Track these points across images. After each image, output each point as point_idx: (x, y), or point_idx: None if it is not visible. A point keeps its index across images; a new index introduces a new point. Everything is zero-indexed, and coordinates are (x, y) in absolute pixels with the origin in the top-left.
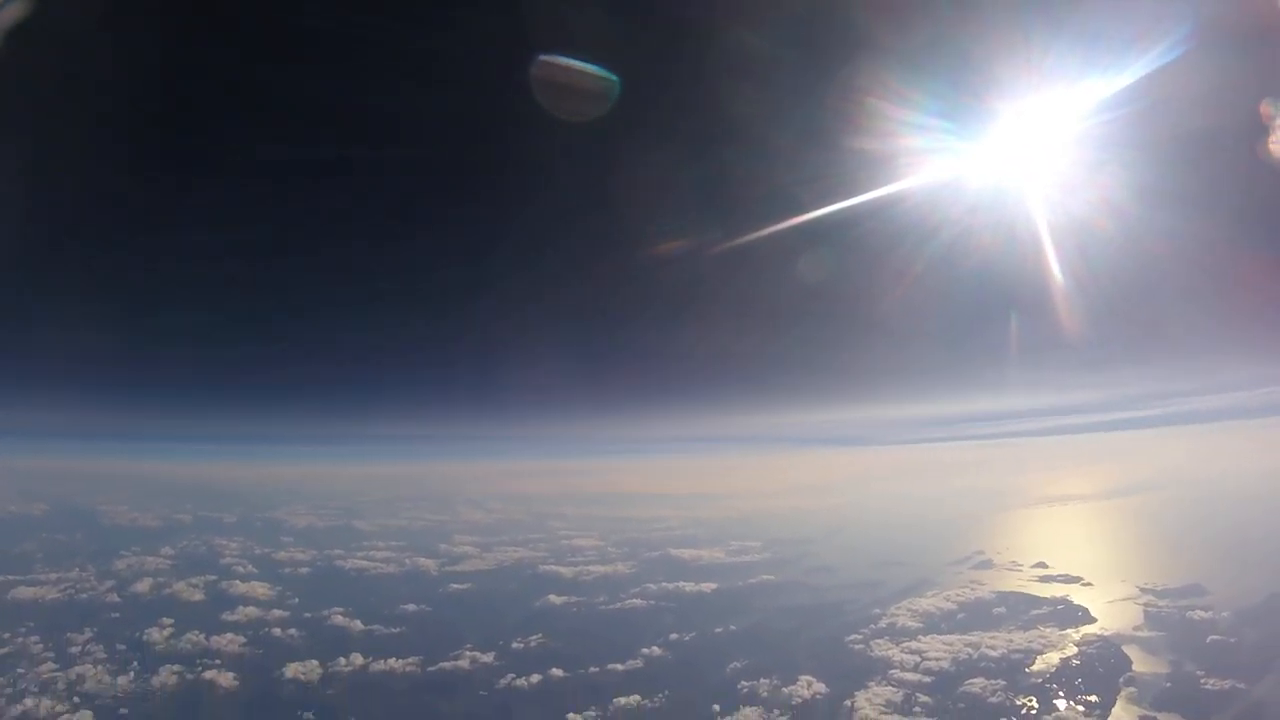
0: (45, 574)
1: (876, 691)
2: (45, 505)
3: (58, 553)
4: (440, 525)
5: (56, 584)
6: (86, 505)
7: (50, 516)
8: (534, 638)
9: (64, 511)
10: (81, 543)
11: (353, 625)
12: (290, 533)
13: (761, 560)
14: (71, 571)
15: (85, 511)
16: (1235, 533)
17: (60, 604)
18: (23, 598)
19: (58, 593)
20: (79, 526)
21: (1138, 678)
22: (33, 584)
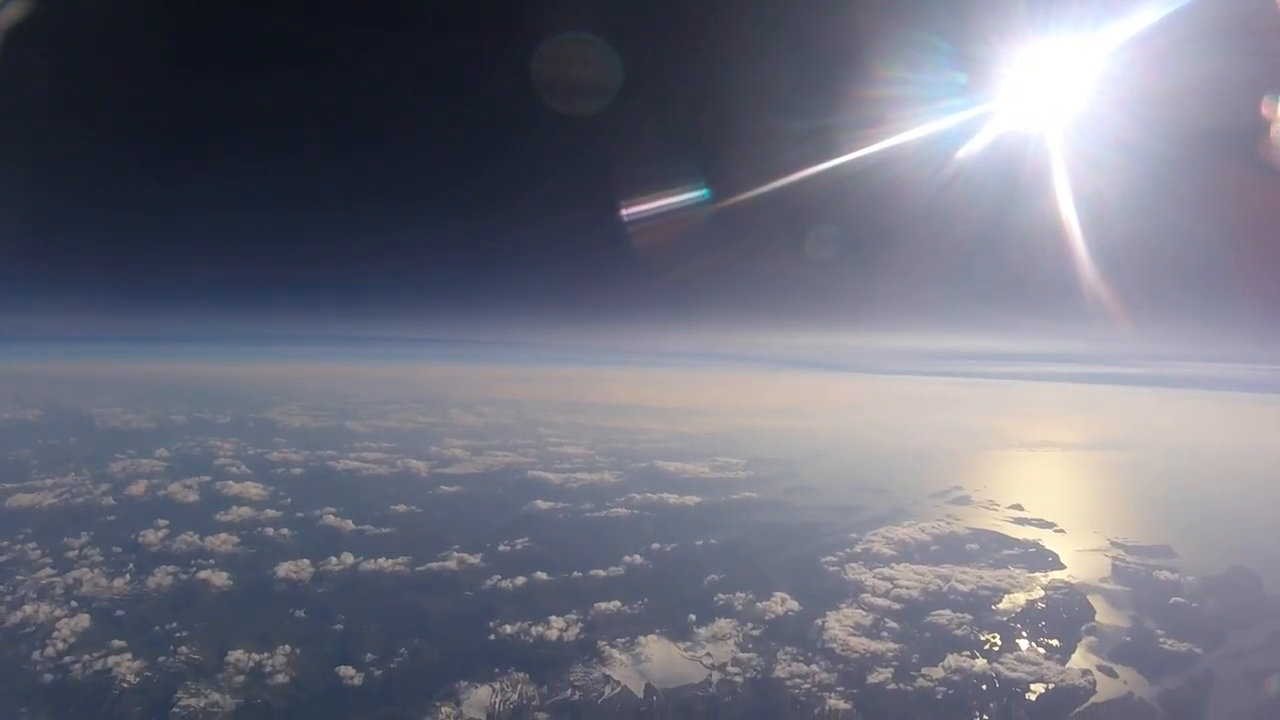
0: (41, 479)
1: (847, 613)
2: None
3: (53, 458)
4: (431, 428)
5: (52, 489)
6: (81, 409)
7: (45, 421)
8: (520, 541)
9: (58, 416)
10: (76, 447)
11: (344, 525)
12: (283, 433)
13: (744, 478)
14: (67, 476)
15: (80, 415)
16: (1209, 502)
17: (56, 509)
18: (19, 504)
19: (54, 498)
20: (73, 431)
21: (1099, 628)
22: (29, 490)
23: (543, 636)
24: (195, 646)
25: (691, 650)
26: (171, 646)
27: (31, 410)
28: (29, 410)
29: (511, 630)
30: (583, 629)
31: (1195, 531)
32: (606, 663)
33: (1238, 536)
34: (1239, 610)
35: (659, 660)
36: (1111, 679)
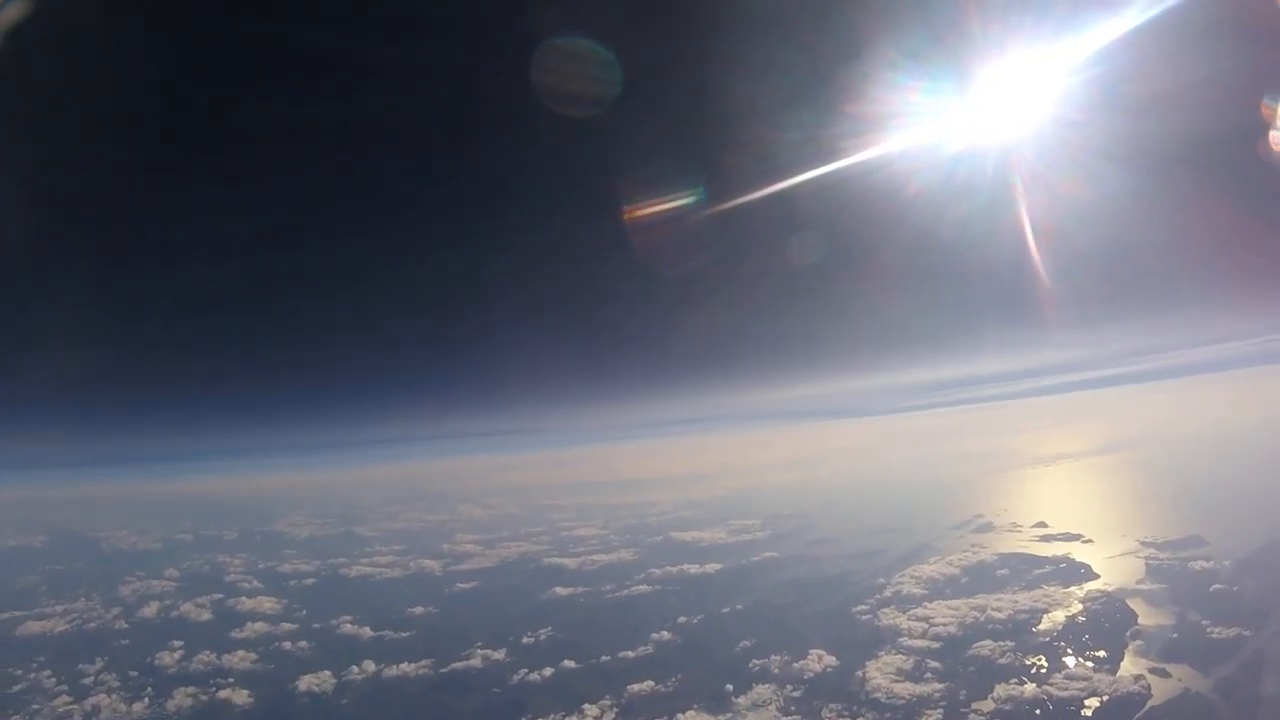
0: (51, 606)
1: (887, 660)
2: (44, 536)
3: (62, 583)
4: (441, 525)
5: (63, 615)
6: (86, 532)
7: (51, 547)
8: (543, 631)
9: (64, 540)
10: (84, 571)
11: (362, 632)
12: (292, 544)
13: (762, 537)
14: (77, 601)
15: (85, 539)
16: (1228, 483)
17: (69, 635)
18: (30, 632)
19: (65, 624)
20: (80, 555)
21: (1144, 630)
22: (40, 617)
23: None
24: None
25: None
26: None
27: (36, 536)
28: (34, 536)
29: None
30: (618, 713)
31: (1221, 515)
32: None
33: (1264, 512)
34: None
35: None
36: (1165, 679)
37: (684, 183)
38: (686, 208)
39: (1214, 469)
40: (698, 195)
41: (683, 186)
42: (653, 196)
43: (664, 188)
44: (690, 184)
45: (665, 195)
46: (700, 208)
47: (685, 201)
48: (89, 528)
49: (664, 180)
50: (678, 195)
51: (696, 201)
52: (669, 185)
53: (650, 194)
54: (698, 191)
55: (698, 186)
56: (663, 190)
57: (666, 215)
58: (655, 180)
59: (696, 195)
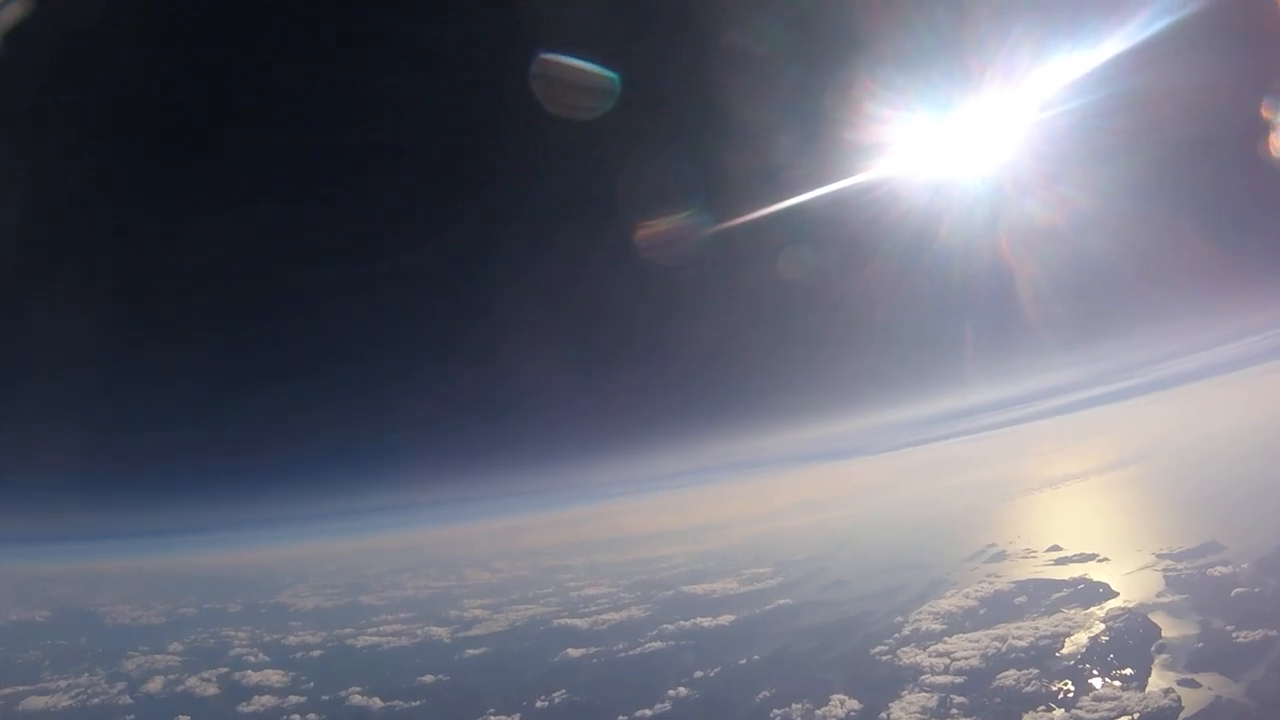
0: (54, 681)
1: (911, 699)
2: (47, 610)
3: (64, 658)
4: (447, 591)
5: (66, 690)
6: (88, 607)
7: (52, 622)
8: (557, 694)
9: (66, 615)
10: (87, 646)
11: (372, 703)
12: (297, 616)
13: (774, 585)
14: (80, 677)
15: (87, 614)
16: (1240, 485)
17: (72, 711)
18: (33, 707)
19: (69, 699)
20: (83, 629)
21: (1169, 643)
22: (43, 692)
23: None
24: None
25: None
26: None
27: (39, 611)
28: (36, 611)
29: None
30: None
31: (1236, 518)
32: None
33: (1277, 510)
34: None
35: None
36: (1195, 689)
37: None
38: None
39: (1221, 473)
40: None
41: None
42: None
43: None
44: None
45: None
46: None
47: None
48: (91, 602)
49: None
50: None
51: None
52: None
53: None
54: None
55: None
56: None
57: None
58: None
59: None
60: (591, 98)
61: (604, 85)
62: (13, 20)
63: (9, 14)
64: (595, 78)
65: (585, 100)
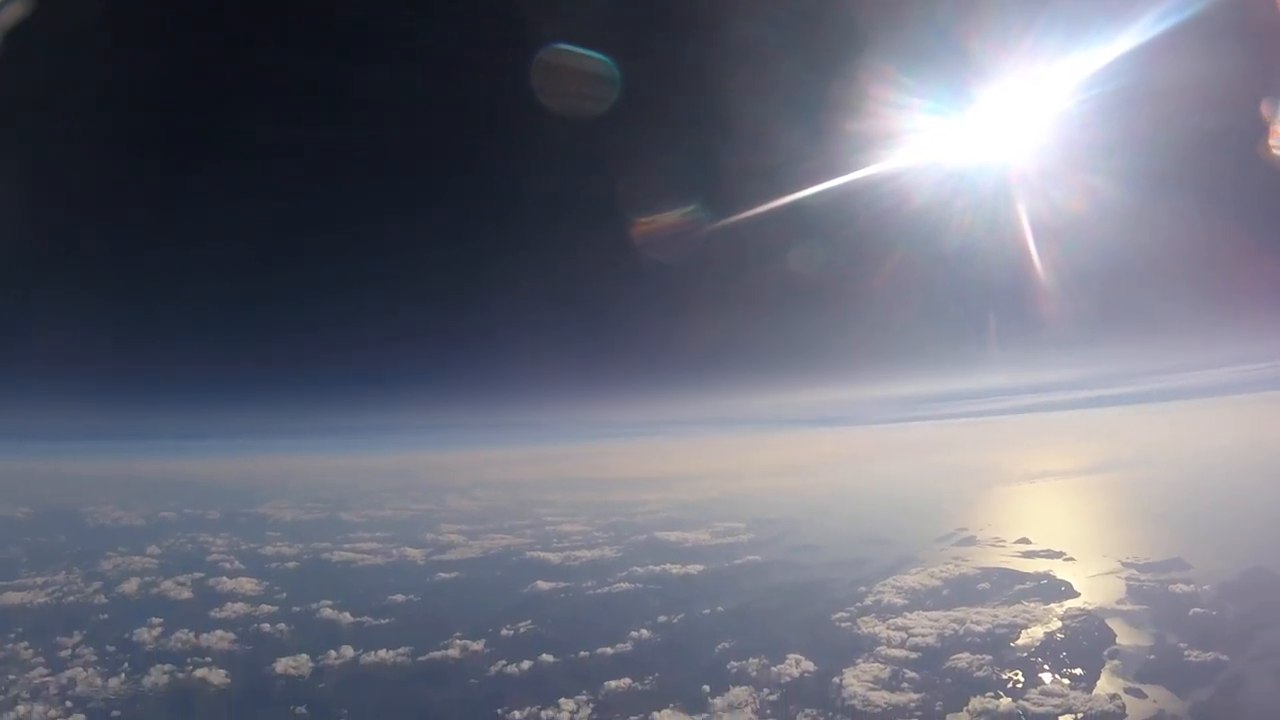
0: (32, 578)
1: (864, 668)
2: (29, 508)
3: (43, 556)
4: (426, 515)
5: (44, 588)
6: (71, 507)
7: (35, 520)
8: (523, 624)
9: (48, 513)
10: (67, 545)
11: (342, 618)
12: (276, 527)
13: (746, 541)
14: (58, 574)
15: (70, 513)
16: (1215, 508)
17: (48, 608)
18: (10, 603)
19: (45, 596)
20: (64, 528)
21: (1122, 650)
22: (20, 589)
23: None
24: None
25: None
26: None
27: (21, 508)
28: (18, 508)
29: (521, 716)
30: (594, 709)
31: (1205, 539)
32: None
33: (1249, 537)
34: (1261, 610)
35: None
36: (1141, 700)
37: (689, 187)
38: (692, 211)
39: (1201, 493)
40: (703, 200)
41: (688, 191)
42: (658, 201)
43: (669, 192)
44: (695, 189)
45: (671, 199)
46: (706, 211)
47: (691, 205)
48: (74, 502)
49: (669, 185)
50: (683, 200)
51: (702, 205)
52: (674, 190)
53: (656, 198)
54: (703, 196)
55: (702, 191)
56: (668, 194)
57: (672, 218)
58: (660, 185)
59: (702, 200)
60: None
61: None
62: (13, 20)
63: (9, 14)
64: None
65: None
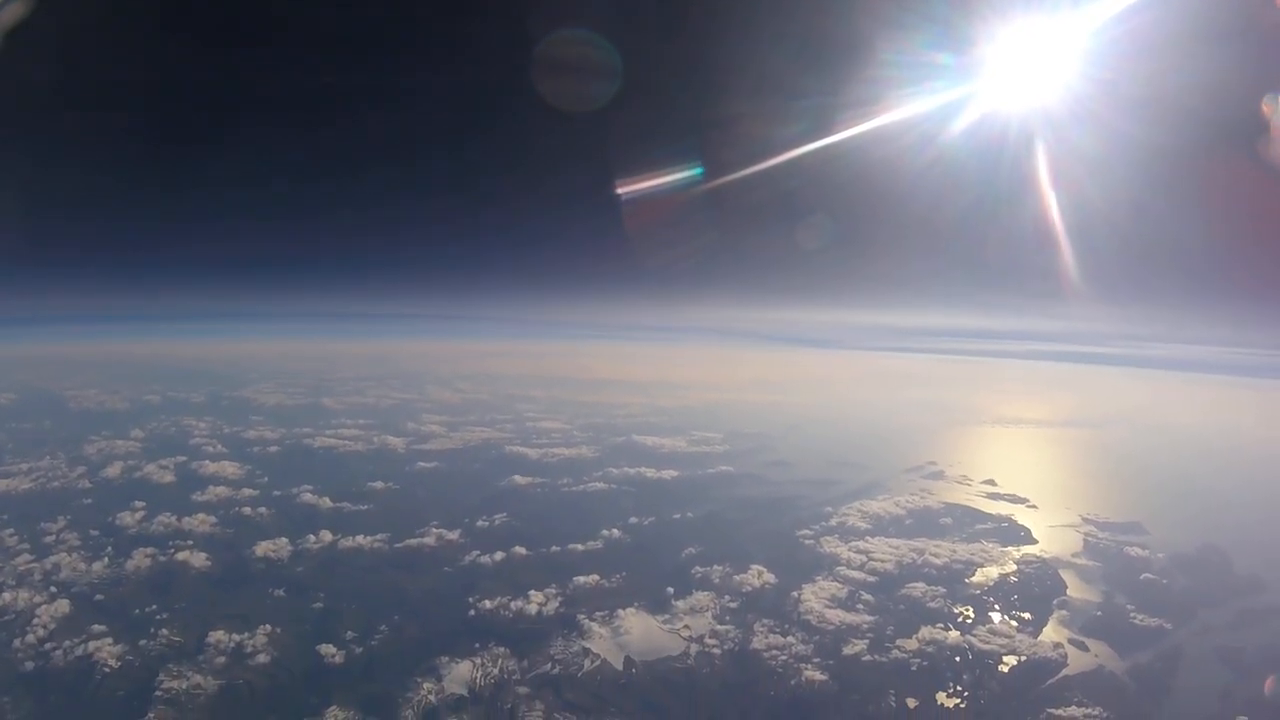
0: (15, 464)
1: (823, 586)
2: (12, 394)
3: (27, 441)
4: (408, 404)
5: (27, 473)
6: (54, 391)
7: (17, 405)
8: (498, 516)
9: (31, 398)
10: (50, 430)
11: (321, 503)
12: (259, 411)
13: (721, 451)
14: (42, 460)
15: (53, 397)
16: (1181, 481)
17: (32, 493)
18: None
19: (29, 482)
20: (47, 413)
21: (1070, 602)
22: (3, 475)
23: (522, 611)
24: (175, 629)
25: (670, 623)
26: (152, 629)
27: (3, 394)
28: (1, 394)
29: (491, 605)
30: (562, 603)
31: (1167, 509)
32: (586, 636)
33: (1209, 515)
34: (1209, 588)
35: (638, 633)
36: (1082, 652)
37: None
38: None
39: (1170, 464)
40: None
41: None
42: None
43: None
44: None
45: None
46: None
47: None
48: (58, 386)
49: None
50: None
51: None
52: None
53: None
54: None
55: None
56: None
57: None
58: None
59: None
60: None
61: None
62: (13, 20)
63: (9, 14)
64: None
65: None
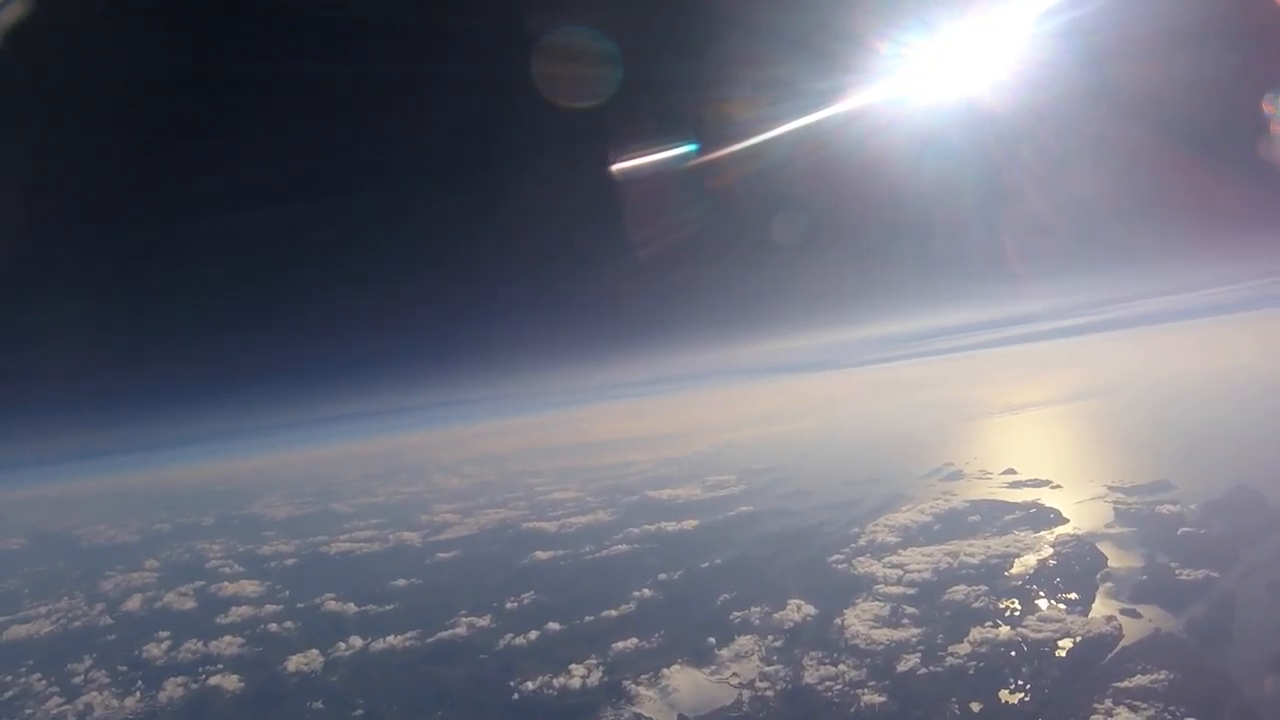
0: (34, 608)
1: (864, 607)
2: (21, 538)
3: (43, 584)
4: (418, 497)
5: (48, 616)
6: (63, 530)
7: (28, 548)
8: (526, 595)
9: (41, 541)
10: (65, 569)
11: (346, 609)
12: (270, 526)
13: (737, 492)
14: (60, 601)
15: (63, 537)
16: (1197, 429)
17: (55, 635)
18: (16, 636)
19: (51, 624)
20: (59, 553)
21: (1114, 573)
22: (24, 620)
23: (566, 687)
24: None
25: (717, 673)
26: None
27: (13, 539)
28: (10, 540)
29: (533, 686)
30: (604, 672)
31: (1189, 461)
32: (635, 701)
33: (1232, 457)
34: (1246, 528)
35: (686, 689)
36: (1136, 620)
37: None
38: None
39: (1182, 415)
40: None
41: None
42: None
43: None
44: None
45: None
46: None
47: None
48: (65, 525)
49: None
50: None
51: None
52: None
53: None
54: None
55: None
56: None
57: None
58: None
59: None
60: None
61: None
62: (13, 20)
63: (9, 14)
64: None
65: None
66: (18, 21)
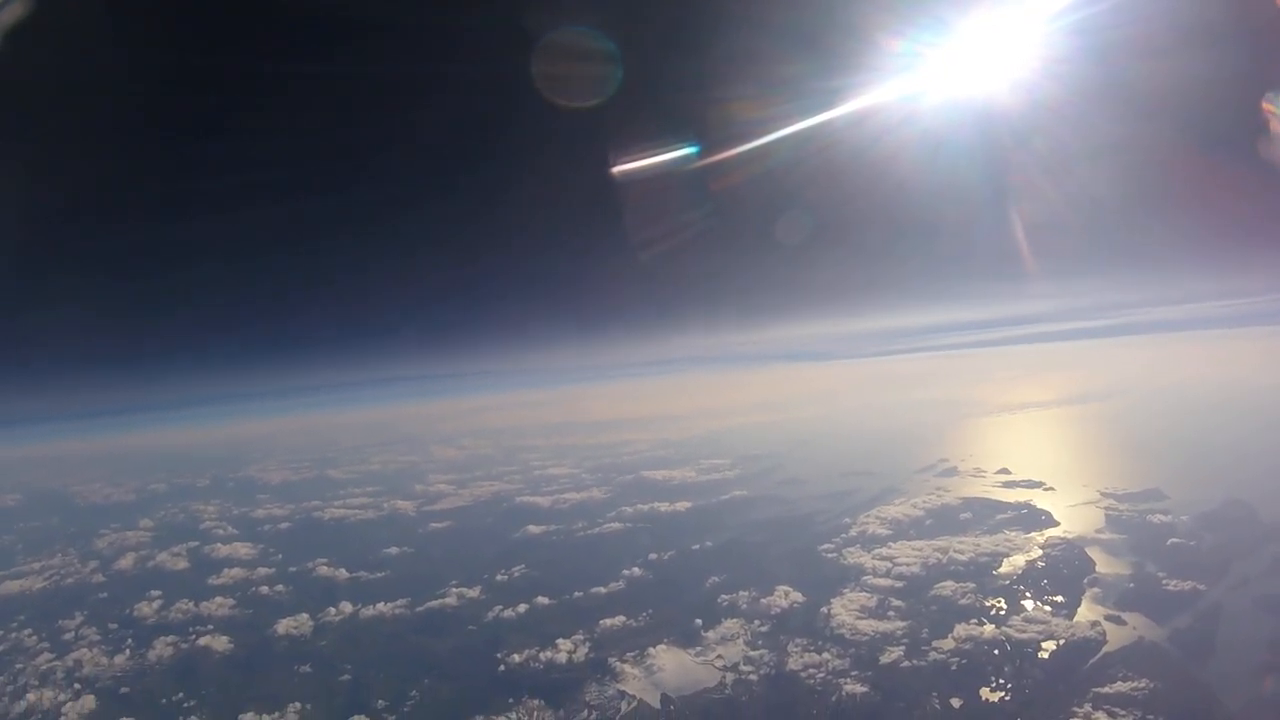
0: (28, 564)
1: (851, 598)
2: (17, 495)
3: (37, 540)
4: (414, 466)
5: (41, 572)
6: (59, 488)
7: (24, 505)
8: (516, 569)
9: (37, 498)
10: (59, 527)
11: (338, 574)
12: (265, 489)
13: (732, 477)
14: (54, 557)
15: (59, 495)
16: (1192, 440)
17: (47, 592)
18: (9, 591)
19: (43, 581)
20: (54, 511)
21: (1101, 579)
22: (17, 576)
23: (552, 660)
24: (204, 715)
25: (702, 654)
26: (180, 718)
27: (9, 495)
28: (6, 496)
29: (520, 659)
30: (591, 648)
31: (1183, 471)
32: (619, 678)
33: (1226, 469)
34: (1237, 541)
35: (671, 669)
36: (1120, 627)
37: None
38: (668, 158)
39: (1179, 426)
40: (680, 146)
41: (664, 138)
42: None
43: (644, 138)
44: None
45: (647, 145)
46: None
47: (667, 152)
48: (62, 483)
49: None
50: (659, 145)
51: (679, 152)
52: (649, 135)
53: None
54: (680, 142)
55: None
56: (644, 140)
57: (649, 164)
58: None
59: (679, 146)
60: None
61: None
62: (13, 20)
63: (9, 14)
64: None
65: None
66: (18, 21)
